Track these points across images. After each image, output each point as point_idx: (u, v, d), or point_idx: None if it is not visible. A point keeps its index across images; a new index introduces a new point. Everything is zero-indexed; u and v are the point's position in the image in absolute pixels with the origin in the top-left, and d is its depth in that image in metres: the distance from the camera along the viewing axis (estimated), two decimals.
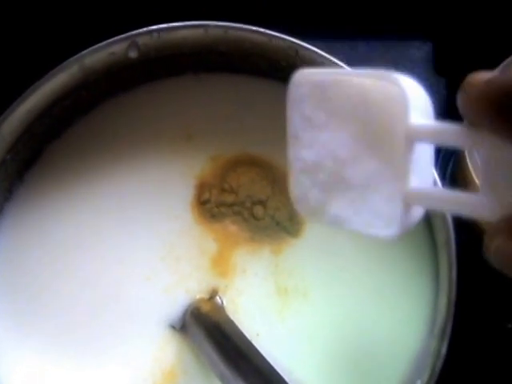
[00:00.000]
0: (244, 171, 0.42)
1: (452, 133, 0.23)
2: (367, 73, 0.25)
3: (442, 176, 0.46)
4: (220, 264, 0.42)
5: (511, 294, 0.44)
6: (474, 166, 0.39)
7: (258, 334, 0.40)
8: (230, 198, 0.42)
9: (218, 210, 0.42)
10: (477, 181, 0.39)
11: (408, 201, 0.24)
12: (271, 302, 0.41)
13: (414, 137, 0.24)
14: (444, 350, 0.35)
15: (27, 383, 0.40)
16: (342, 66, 0.37)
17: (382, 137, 0.24)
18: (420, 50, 0.51)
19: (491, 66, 0.38)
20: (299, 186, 0.28)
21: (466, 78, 0.23)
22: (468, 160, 0.40)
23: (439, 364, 0.35)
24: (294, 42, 0.38)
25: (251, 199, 0.42)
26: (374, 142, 0.25)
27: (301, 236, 0.42)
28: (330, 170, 0.26)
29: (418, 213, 0.25)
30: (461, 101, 0.23)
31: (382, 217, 0.25)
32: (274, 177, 0.42)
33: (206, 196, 0.42)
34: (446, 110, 0.41)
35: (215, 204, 0.42)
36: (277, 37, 0.38)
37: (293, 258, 0.41)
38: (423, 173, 0.25)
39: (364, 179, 0.25)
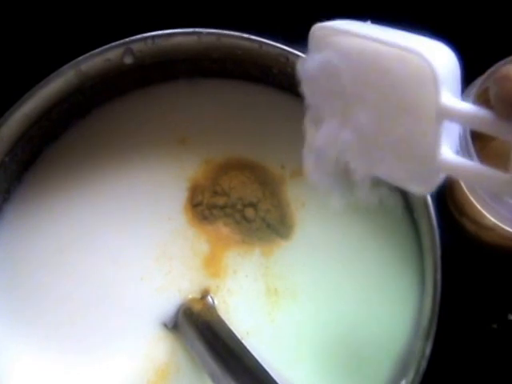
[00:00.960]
0: (236, 174, 0.42)
1: (483, 120, 0.23)
2: (395, 43, 0.24)
3: None
4: (212, 265, 0.42)
5: (496, 295, 0.44)
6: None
7: (248, 334, 0.41)
8: (221, 201, 0.42)
9: (210, 212, 0.42)
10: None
11: (439, 170, 0.25)
12: (261, 303, 0.41)
13: (444, 116, 0.23)
14: (429, 350, 0.35)
15: (26, 380, 0.41)
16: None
17: (409, 108, 0.24)
18: None
19: None
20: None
21: (501, 70, 0.22)
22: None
23: (424, 364, 0.35)
24: (284, 49, 0.38)
25: (242, 202, 0.42)
26: (400, 111, 0.24)
27: (291, 238, 0.42)
28: (358, 136, 0.26)
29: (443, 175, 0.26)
30: (494, 94, 0.22)
31: (413, 177, 0.25)
32: (265, 180, 0.43)
33: (199, 198, 0.42)
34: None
35: (207, 206, 0.42)
36: (267, 44, 0.38)
37: (283, 259, 0.42)
38: (451, 142, 0.25)
39: (394, 143, 0.25)
